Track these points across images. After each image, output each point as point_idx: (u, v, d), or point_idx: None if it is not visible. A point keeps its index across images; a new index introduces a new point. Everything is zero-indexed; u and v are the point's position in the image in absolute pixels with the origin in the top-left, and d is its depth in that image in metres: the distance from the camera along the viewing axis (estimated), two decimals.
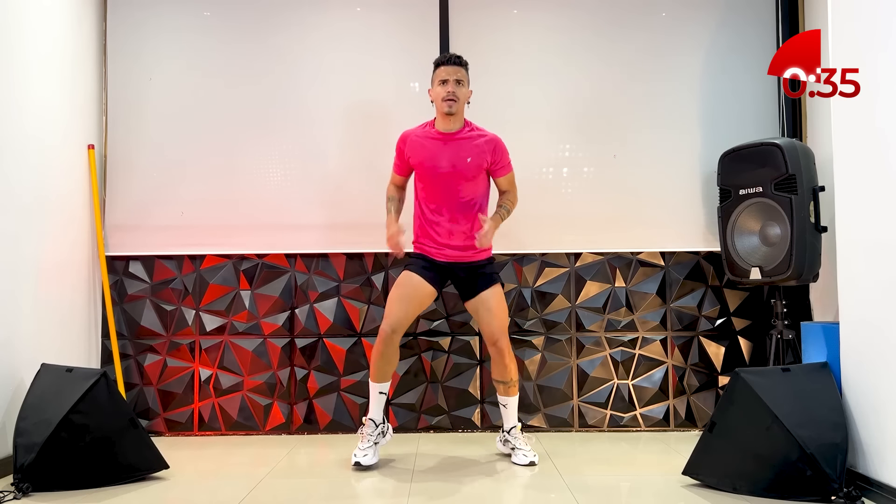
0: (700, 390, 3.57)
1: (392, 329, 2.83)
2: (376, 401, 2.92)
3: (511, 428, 3.01)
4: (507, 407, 3.02)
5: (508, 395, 3.00)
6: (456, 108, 2.85)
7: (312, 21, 3.64)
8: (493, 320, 2.90)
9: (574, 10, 3.64)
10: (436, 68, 2.91)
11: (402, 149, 2.97)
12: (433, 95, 2.91)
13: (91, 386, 2.61)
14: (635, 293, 3.60)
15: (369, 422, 2.91)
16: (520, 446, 2.97)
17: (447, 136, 2.91)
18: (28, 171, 3.01)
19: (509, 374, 2.96)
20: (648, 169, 3.59)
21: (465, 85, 2.90)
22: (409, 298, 2.87)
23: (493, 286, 2.94)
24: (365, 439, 2.89)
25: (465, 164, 2.88)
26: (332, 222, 3.57)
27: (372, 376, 2.91)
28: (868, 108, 2.42)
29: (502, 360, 2.93)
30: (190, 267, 3.60)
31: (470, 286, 2.94)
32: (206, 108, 3.61)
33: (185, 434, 3.53)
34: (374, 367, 2.89)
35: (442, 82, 2.86)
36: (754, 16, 3.64)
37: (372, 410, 2.92)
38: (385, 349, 2.84)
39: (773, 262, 3.05)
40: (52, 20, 3.22)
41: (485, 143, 2.92)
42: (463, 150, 2.89)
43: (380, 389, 2.92)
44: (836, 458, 2.35)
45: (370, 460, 2.84)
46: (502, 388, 2.99)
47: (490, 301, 2.91)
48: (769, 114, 3.59)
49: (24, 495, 2.47)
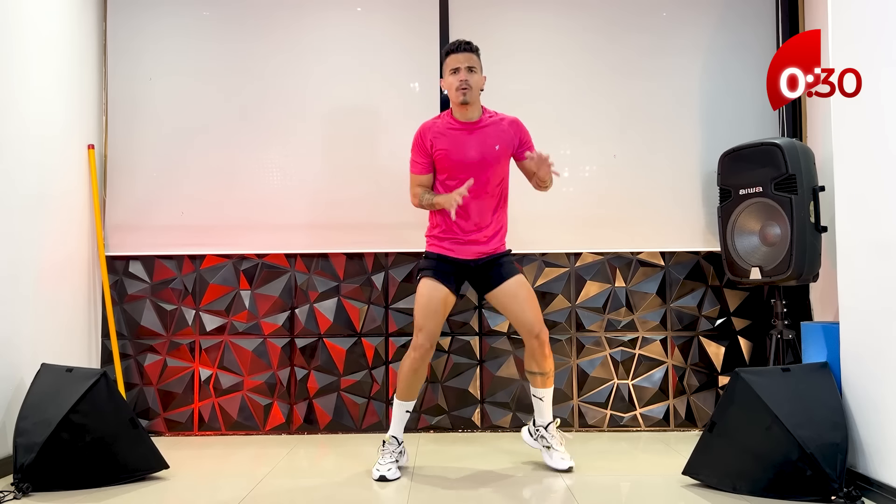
0: (700, 390, 3.57)
1: (430, 343, 2.73)
2: (401, 419, 2.83)
3: (548, 423, 2.84)
4: (543, 400, 2.84)
5: (546, 387, 2.83)
6: (470, 96, 2.74)
7: (312, 21, 3.64)
8: (528, 310, 2.75)
9: (574, 11, 3.65)
10: (446, 57, 2.79)
11: (422, 143, 2.82)
12: (446, 86, 2.80)
13: (91, 386, 2.61)
14: (635, 293, 3.60)
15: (392, 439, 2.80)
16: (557, 447, 2.82)
17: (470, 125, 2.80)
18: (28, 170, 3.01)
19: (548, 364, 2.79)
20: (648, 169, 3.60)
21: (478, 71, 2.79)
22: (436, 309, 2.76)
23: (517, 275, 2.81)
24: (388, 455, 2.77)
25: (493, 152, 2.79)
26: (332, 222, 3.57)
27: (399, 393, 2.79)
28: (868, 108, 2.42)
29: (543, 350, 2.76)
30: (190, 267, 3.60)
31: (489, 277, 2.81)
32: (206, 107, 3.61)
33: (185, 434, 3.53)
34: (406, 383, 2.76)
35: (453, 71, 2.75)
36: (754, 16, 3.64)
37: (395, 428, 2.82)
38: (421, 365, 2.74)
39: (773, 262, 3.05)
40: (53, 20, 3.22)
41: (509, 126, 2.84)
42: (490, 138, 2.80)
43: (406, 408, 2.82)
44: (836, 458, 2.35)
45: (395, 474, 2.72)
46: (539, 379, 2.81)
47: (519, 292, 2.77)
48: (769, 114, 3.59)
49: (24, 495, 2.47)
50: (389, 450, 2.79)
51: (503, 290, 2.79)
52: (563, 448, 2.85)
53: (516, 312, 2.77)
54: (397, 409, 2.83)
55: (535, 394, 2.87)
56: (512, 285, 2.78)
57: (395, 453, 2.79)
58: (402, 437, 2.83)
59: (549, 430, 2.85)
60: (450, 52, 2.78)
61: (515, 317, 2.79)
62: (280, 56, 3.63)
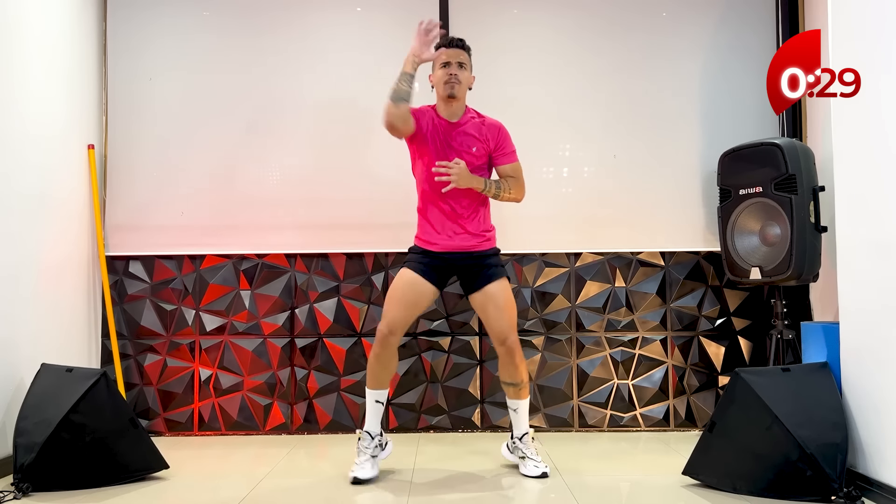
0: (700, 390, 3.57)
1: (389, 330, 2.66)
2: (373, 410, 2.73)
3: (522, 435, 2.80)
4: (517, 411, 2.80)
5: (519, 399, 2.78)
6: (458, 91, 2.73)
7: (312, 21, 3.64)
8: (501, 316, 2.71)
9: (574, 10, 3.65)
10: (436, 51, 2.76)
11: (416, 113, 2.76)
12: (434, 80, 2.79)
13: (91, 386, 2.61)
14: (635, 293, 3.60)
15: (364, 434, 2.72)
16: (531, 455, 2.77)
17: (451, 124, 2.80)
18: (28, 171, 3.01)
19: (520, 375, 2.74)
20: (648, 169, 3.60)
21: (468, 70, 2.79)
22: (406, 298, 2.71)
23: (500, 280, 2.76)
24: (361, 453, 2.70)
25: (470, 153, 2.79)
26: (332, 222, 3.57)
27: (368, 382, 2.73)
28: (868, 108, 2.42)
29: (512, 359, 2.72)
30: (190, 267, 3.60)
31: (474, 278, 2.77)
32: (206, 107, 3.61)
33: (185, 434, 3.53)
34: (371, 371, 2.71)
35: (444, 65, 2.74)
36: (754, 16, 3.64)
37: (368, 421, 2.73)
38: (382, 351, 2.67)
39: (773, 262, 3.05)
40: (53, 20, 3.22)
41: (487, 129, 2.82)
42: (468, 139, 2.79)
43: (376, 397, 2.73)
44: (836, 458, 2.35)
45: (367, 473, 2.65)
46: (512, 390, 2.78)
47: (498, 297, 2.73)
48: (769, 114, 3.58)
49: (24, 495, 2.47)
50: (362, 446, 2.72)
51: (486, 294, 2.74)
52: (538, 457, 2.80)
53: (493, 318, 2.73)
54: (367, 400, 2.75)
55: (509, 405, 2.83)
56: (494, 291, 2.74)
57: (369, 450, 2.70)
58: (376, 431, 2.74)
59: (524, 441, 2.79)
60: (441, 47, 2.77)
61: (489, 322, 2.75)
62: (280, 56, 3.63)
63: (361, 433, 2.74)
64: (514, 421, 2.83)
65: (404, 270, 2.79)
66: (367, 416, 2.75)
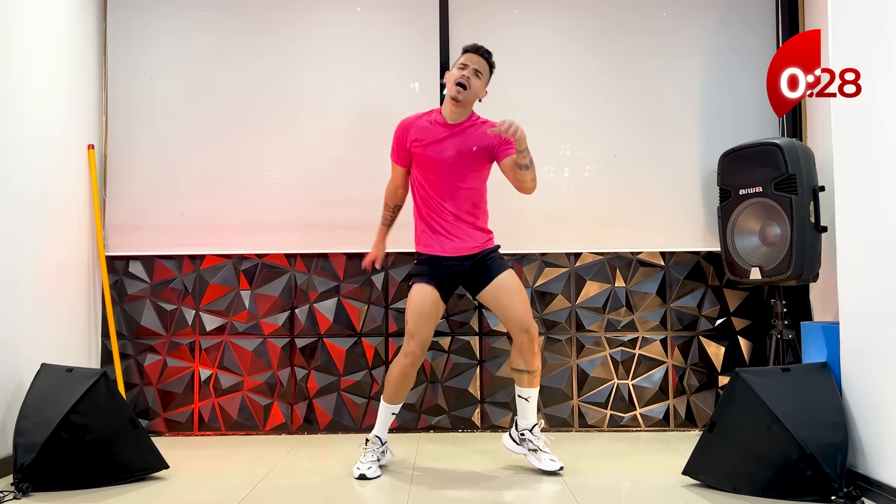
0: (700, 390, 3.57)
1: (422, 350, 2.74)
2: (386, 421, 2.86)
3: (533, 426, 2.80)
4: (529, 400, 2.79)
5: (532, 387, 2.78)
6: (464, 95, 2.76)
7: (312, 21, 3.64)
8: (518, 305, 2.74)
9: (574, 10, 3.65)
10: (462, 53, 2.82)
11: (401, 137, 2.88)
12: (447, 78, 2.82)
13: (91, 386, 2.61)
14: (635, 293, 3.60)
15: (375, 438, 2.83)
16: (544, 449, 2.79)
17: (453, 126, 2.82)
18: (28, 171, 3.01)
19: (537, 362, 2.77)
20: (648, 169, 3.60)
21: (483, 80, 2.81)
22: (430, 314, 2.76)
23: (507, 270, 2.80)
24: (370, 453, 2.81)
25: (471, 152, 2.80)
26: (332, 222, 3.57)
27: (387, 397, 2.82)
28: (868, 108, 2.42)
29: (532, 346, 2.74)
30: (190, 267, 3.60)
31: (480, 275, 2.80)
32: (206, 107, 3.61)
33: (185, 434, 3.53)
34: (394, 387, 2.79)
35: (461, 66, 2.78)
36: (754, 16, 3.64)
37: (379, 429, 2.85)
38: (411, 371, 2.75)
39: (773, 262, 3.05)
40: (53, 20, 3.22)
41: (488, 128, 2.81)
42: (469, 140, 2.81)
43: (393, 410, 2.85)
44: (836, 458, 2.35)
45: (375, 472, 2.75)
46: (526, 378, 2.77)
47: (510, 285, 2.76)
48: (769, 114, 3.58)
49: (24, 495, 2.47)
50: (372, 448, 2.81)
51: (493, 286, 2.77)
52: (549, 450, 2.81)
53: (505, 307, 2.76)
54: (383, 411, 2.86)
55: (520, 394, 2.82)
56: (502, 281, 2.77)
57: (377, 452, 2.82)
58: (385, 438, 2.87)
59: (535, 433, 2.80)
60: (467, 51, 2.82)
61: (504, 312, 2.77)
62: (280, 56, 3.62)
63: (371, 437, 2.84)
64: (524, 411, 2.82)
65: (418, 286, 2.80)
66: (379, 424, 2.86)
